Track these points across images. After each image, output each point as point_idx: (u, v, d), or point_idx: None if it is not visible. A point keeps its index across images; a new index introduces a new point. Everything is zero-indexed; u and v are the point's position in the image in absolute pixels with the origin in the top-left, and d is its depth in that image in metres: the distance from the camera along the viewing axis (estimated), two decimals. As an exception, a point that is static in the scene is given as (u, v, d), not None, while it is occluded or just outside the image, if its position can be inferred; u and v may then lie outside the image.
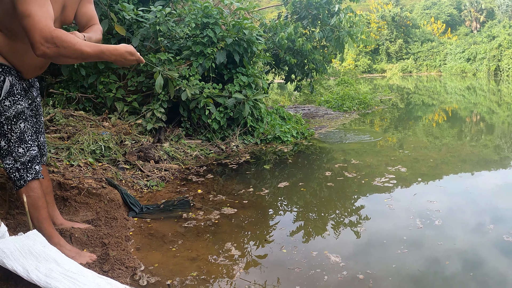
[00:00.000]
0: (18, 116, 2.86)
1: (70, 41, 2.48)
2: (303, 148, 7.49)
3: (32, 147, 2.95)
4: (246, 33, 7.64)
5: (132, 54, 2.72)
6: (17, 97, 2.85)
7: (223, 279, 3.05)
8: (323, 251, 3.43)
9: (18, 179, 2.89)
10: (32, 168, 2.94)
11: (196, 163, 6.25)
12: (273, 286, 2.96)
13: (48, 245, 2.64)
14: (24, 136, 2.90)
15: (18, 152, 2.88)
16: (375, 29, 54.65)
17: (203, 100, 7.10)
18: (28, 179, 2.91)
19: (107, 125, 6.45)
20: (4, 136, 2.84)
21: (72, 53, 2.50)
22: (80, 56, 2.54)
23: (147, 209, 4.34)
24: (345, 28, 11.10)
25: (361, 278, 3.01)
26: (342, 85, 20.83)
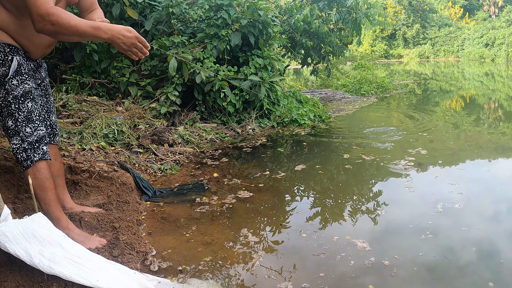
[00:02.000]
0: (25, 95, 2.81)
1: (66, 18, 2.44)
2: (321, 131, 7.31)
3: (40, 127, 2.88)
4: (261, 14, 7.45)
5: (130, 31, 2.59)
6: (25, 76, 2.81)
7: (239, 265, 2.92)
8: (345, 236, 3.29)
9: (24, 159, 2.81)
10: (39, 148, 2.85)
11: (211, 147, 6.12)
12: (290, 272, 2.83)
13: (54, 229, 2.52)
14: (32, 115, 2.83)
15: (25, 131, 2.81)
16: (392, 13, 53.88)
17: (218, 83, 6.94)
18: (35, 159, 2.82)
19: (120, 110, 6.33)
20: (12, 115, 2.78)
21: (68, 30, 2.46)
22: (76, 33, 2.48)
23: (160, 192, 4.22)
24: (362, 10, 10.86)
25: (387, 264, 2.85)
26: (359, 69, 20.56)
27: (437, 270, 2.76)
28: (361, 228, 3.45)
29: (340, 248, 3.09)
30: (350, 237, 3.25)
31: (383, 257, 2.93)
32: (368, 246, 3.09)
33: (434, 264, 2.84)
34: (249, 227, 3.48)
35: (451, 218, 3.56)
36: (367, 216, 3.69)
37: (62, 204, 3.30)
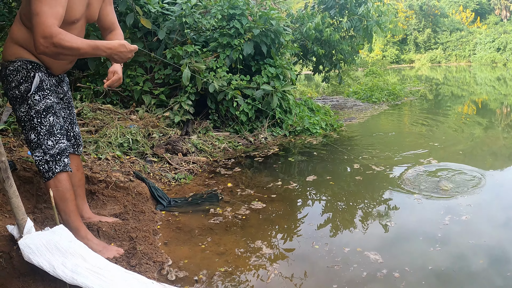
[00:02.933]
0: (47, 110, 2.90)
1: (69, 40, 2.51)
2: (332, 140, 7.35)
3: (61, 140, 2.97)
4: (274, 24, 7.52)
5: (124, 46, 2.71)
6: (47, 92, 2.90)
7: (254, 276, 2.98)
8: (356, 247, 3.33)
9: (46, 171, 2.90)
10: (60, 160, 2.94)
11: (224, 156, 6.19)
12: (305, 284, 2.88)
13: (75, 240, 2.60)
14: (53, 129, 2.92)
15: (47, 144, 2.89)
16: (403, 18, 53.59)
17: (230, 92, 7.02)
18: (56, 171, 2.91)
19: (134, 118, 6.42)
20: (34, 129, 2.87)
21: (70, 52, 2.54)
22: (77, 54, 2.59)
23: (175, 202, 4.29)
24: (373, 18, 10.89)
25: (397, 276, 2.90)
26: (371, 75, 20.54)
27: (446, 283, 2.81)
28: (372, 240, 3.49)
29: (352, 260, 3.13)
30: (361, 249, 3.28)
31: (394, 269, 2.98)
32: (381, 258, 3.13)
33: (443, 277, 2.88)
34: (262, 238, 3.53)
35: (460, 230, 3.59)
36: (377, 228, 3.72)
37: (80, 213, 3.37)
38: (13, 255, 2.62)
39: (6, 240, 2.66)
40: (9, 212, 3.17)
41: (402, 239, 3.47)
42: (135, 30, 7.33)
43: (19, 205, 2.39)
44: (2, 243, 2.64)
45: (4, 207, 3.21)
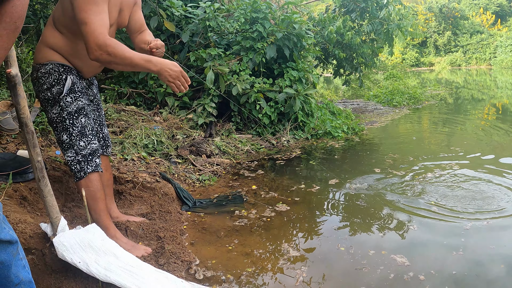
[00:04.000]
0: (79, 111, 2.96)
1: (121, 49, 2.58)
2: (354, 144, 7.35)
3: (93, 141, 3.03)
4: (296, 27, 7.55)
5: (177, 66, 2.74)
6: (78, 94, 2.97)
7: (281, 277, 3.00)
8: (380, 250, 3.33)
9: (78, 171, 2.96)
10: (92, 161, 3.00)
11: (247, 158, 6.22)
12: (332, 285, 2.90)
13: (107, 239, 2.66)
14: (85, 130, 2.99)
15: (79, 145, 2.96)
16: (422, 21, 53.03)
17: (253, 95, 7.06)
18: (88, 171, 2.97)
19: (158, 120, 6.49)
20: (66, 130, 2.94)
21: (122, 61, 2.60)
22: (129, 64, 2.63)
23: (200, 203, 4.33)
24: (394, 21, 10.85)
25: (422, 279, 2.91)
26: (391, 79, 20.44)
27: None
28: (396, 243, 3.48)
29: (378, 262, 3.13)
30: (386, 252, 3.29)
31: (420, 272, 2.98)
32: (407, 261, 3.13)
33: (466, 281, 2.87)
34: (287, 240, 3.55)
35: (481, 236, 3.56)
36: (400, 231, 3.70)
37: (108, 213, 3.44)
38: (46, 253, 2.68)
39: (38, 237, 2.71)
40: (41, 210, 3.24)
41: (425, 243, 3.46)
42: (159, 33, 7.41)
43: (53, 203, 2.44)
44: (35, 240, 2.69)
45: (35, 205, 3.28)
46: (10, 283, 1.86)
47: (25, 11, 1.68)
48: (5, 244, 1.80)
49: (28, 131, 2.23)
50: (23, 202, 3.19)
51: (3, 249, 1.80)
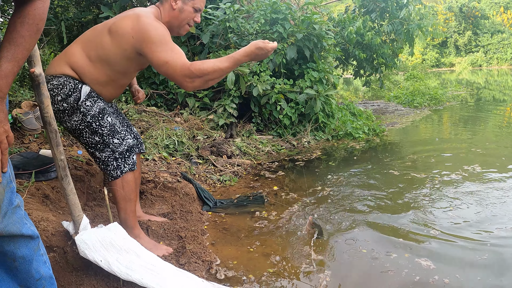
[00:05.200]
0: (102, 111, 2.93)
1: (208, 66, 2.61)
2: (375, 145, 7.29)
3: (127, 136, 3.01)
4: (316, 28, 7.51)
5: (261, 49, 2.70)
6: (96, 98, 2.93)
7: (302, 278, 2.97)
8: (403, 253, 3.26)
9: (114, 169, 2.94)
10: (129, 158, 2.98)
11: (267, 159, 6.21)
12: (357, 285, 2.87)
13: (129, 238, 2.65)
14: (115, 127, 2.96)
15: (114, 143, 2.93)
16: (442, 21, 52.21)
17: (274, 95, 7.04)
18: (124, 170, 2.95)
19: (179, 120, 6.51)
20: (96, 132, 2.91)
21: (215, 74, 2.64)
22: (223, 73, 2.67)
23: (221, 203, 4.33)
24: (414, 21, 10.75)
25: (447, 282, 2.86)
26: (412, 80, 20.28)
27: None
28: (418, 246, 3.41)
29: (403, 265, 3.07)
30: (409, 255, 3.23)
31: (445, 275, 2.93)
32: (432, 265, 3.08)
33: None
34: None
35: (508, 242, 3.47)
36: (422, 234, 3.63)
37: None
38: (67, 250, 2.68)
39: (60, 235, 2.72)
40: (63, 209, 3.25)
41: (449, 246, 3.40)
42: (179, 34, 7.43)
43: (76, 202, 2.45)
44: (57, 238, 2.70)
45: (57, 204, 3.29)
46: (31, 278, 1.90)
47: (46, 13, 1.71)
48: (27, 239, 1.84)
49: (51, 130, 2.24)
50: (45, 200, 3.21)
51: (25, 244, 1.83)
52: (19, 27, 1.64)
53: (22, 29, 1.64)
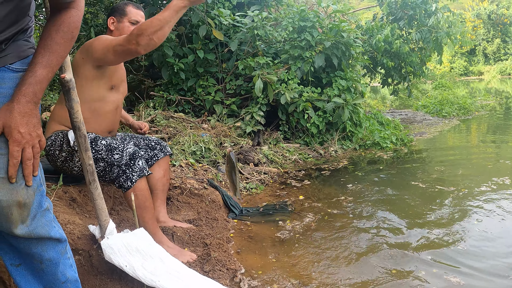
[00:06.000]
0: (94, 140, 3.02)
1: (145, 22, 2.60)
2: (403, 155, 7.18)
3: (126, 147, 3.04)
4: (345, 36, 7.47)
5: None
6: None
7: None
8: (432, 269, 3.19)
9: (125, 180, 2.96)
10: (135, 165, 2.99)
11: (294, 167, 6.18)
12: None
13: (154, 243, 2.66)
14: (111, 146, 3.01)
15: (116, 159, 2.97)
16: (470, 28, 51.15)
17: (302, 104, 7.01)
18: (134, 179, 2.96)
19: (206, 127, 6.52)
20: (97, 159, 2.99)
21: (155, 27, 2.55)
22: (163, 22, 2.55)
23: (247, 211, 4.31)
24: (443, 29, 10.61)
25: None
26: (440, 88, 20.01)
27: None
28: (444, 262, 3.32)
29: (433, 282, 3.01)
30: (437, 270, 3.17)
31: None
32: (462, 281, 3.00)
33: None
34: (332, 252, 3.47)
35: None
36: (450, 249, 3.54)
37: (157, 216, 3.48)
38: (92, 254, 2.70)
39: (86, 239, 2.73)
40: (89, 213, 3.27)
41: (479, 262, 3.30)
42: (207, 41, 7.47)
43: (103, 207, 2.45)
44: (82, 241, 2.72)
45: (84, 207, 3.31)
46: (57, 280, 1.92)
47: (80, 21, 1.76)
48: (55, 242, 1.86)
49: (80, 135, 2.25)
50: (72, 203, 3.23)
51: (52, 247, 1.86)
52: (54, 34, 1.68)
53: (57, 36, 1.68)
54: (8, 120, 1.57)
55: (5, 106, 1.59)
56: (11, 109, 1.58)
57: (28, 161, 1.62)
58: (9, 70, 1.65)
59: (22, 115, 1.58)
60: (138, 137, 3.55)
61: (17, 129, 1.57)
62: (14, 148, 1.57)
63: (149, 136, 3.58)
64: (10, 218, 1.64)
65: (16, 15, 1.62)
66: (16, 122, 1.57)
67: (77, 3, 1.75)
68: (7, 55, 1.65)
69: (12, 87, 1.64)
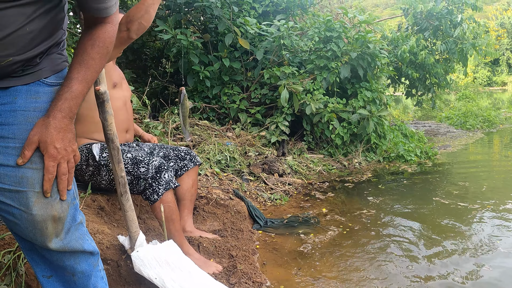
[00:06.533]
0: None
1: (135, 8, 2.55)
2: (428, 169, 7.08)
3: (152, 159, 3.05)
4: (371, 47, 7.43)
5: None
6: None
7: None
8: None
9: (151, 194, 2.98)
10: (161, 178, 3.01)
11: (318, 179, 6.15)
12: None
13: (183, 256, 2.66)
14: (137, 159, 3.03)
15: (142, 172, 2.99)
16: (494, 37, 50.07)
17: (327, 114, 6.99)
18: (160, 192, 2.98)
19: (231, 136, 6.53)
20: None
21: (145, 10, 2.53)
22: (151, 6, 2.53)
23: (271, 223, 4.31)
24: (468, 40, 10.50)
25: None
26: (464, 100, 19.76)
27: None
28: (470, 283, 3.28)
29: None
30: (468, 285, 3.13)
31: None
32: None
33: None
34: (356, 268, 3.44)
35: None
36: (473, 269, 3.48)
37: (183, 225, 3.49)
38: (121, 264, 2.71)
39: (115, 249, 2.74)
40: (117, 222, 3.29)
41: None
42: (233, 49, 7.49)
43: (134, 218, 2.46)
44: (111, 251, 2.73)
45: (112, 216, 3.33)
46: None
47: (114, 36, 1.76)
48: (87, 254, 1.86)
49: (114, 147, 2.26)
50: (100, 212, 3.25)
51: (85, 259, 1.86)
52: (89, 49, 1.68)
53: (93, 51, 1.67)
54: (44, 135, 1.56)
55: (41, 121, 1.58)
56: (47, 124, 1.57)
57: (63, 176, 1.62)
58: (44, 84, 1.65)
59: (58, 131, 1.58)
60: (168, 147, 3.56)
61: (53, 144, 1.57)
62: (49, 163, 1.58)
63: (179, 146, 3.59)
64: (45, 232, 1.65)
65: (51, 29, 1.63)
66: (52, 138, 1.57)
67: (112, 18, 1.75)
68: (42, 69, 1.65)
69: (47, 101, 1.63)
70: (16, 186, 1.58)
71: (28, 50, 1.57)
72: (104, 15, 1.71)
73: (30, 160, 1.58)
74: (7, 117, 1.58)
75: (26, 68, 1.61)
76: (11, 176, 1.58)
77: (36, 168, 1.58)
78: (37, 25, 1.55)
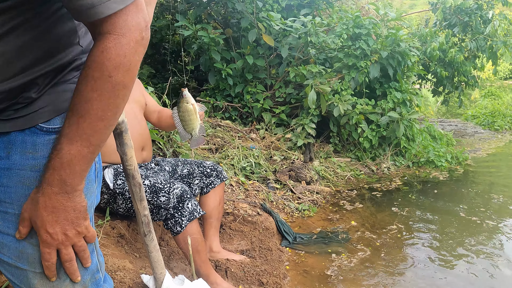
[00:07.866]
0: None
1: None
2: (460, 177, 6.67)
3: (172, 187, 2.78)
4: (402, 45, 7.06)
5: None
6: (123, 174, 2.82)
7: None
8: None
9: (173, 225, 2.75)
10: (184, 208, 2.76)
11: (346, 185, 5.85)
12: None
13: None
14: (156, 186, 2.77)
15: (163, 201, 2.73)
16: None
17: (355, 116, 6.64)
18: (183, 223, 2.74)
19: (254, 137, 6.26)
20: None
21: None
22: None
23: (300, 239, 4.05)
24: (499, 37, 10.08)
25: None
26: (490, 97, 19.19)
27: None
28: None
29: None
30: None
31: None
32: None
33: None
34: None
35: None
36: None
37: (210, 245, 3.28)
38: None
39: (138, 287, 2.51)
40: (139, 251, 3.06)
41: None
42: (255, 45, 7.18)
43: (159, 259, 2.20)
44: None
45: (133, 244, 3.09)
46: None
47: (129, 54, 1.08)
48: None
49: (134, 183, 1.96)
50: (120, 240, 3.00)
51: None
52: (81, 86, 1.09)
53: (86, 88, 1.08)
54: (34, 215, 1.15)
55: (32, 194, 1.16)
56: (36, 202, 1.14)
57: (67, 263, 1.22)
58: (41, 132, 1.19)
59: (49, 211, 1.14)
60: (192, 163, 3.29)
61: (44, 228, 1.15)
62: (44, 249, 1.18)
63: (204, 161, 3.32)
64: None
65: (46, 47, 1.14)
66: (42, 220, 1.14)
67: (116, 24, 1.06)
68: (39, 110, 1.17)
69: (47, 157, 1.17)
70: (16, 261, 1.22)
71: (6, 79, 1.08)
72: (92, 19, 1.05)
73: (30, 234, 1.19)
74: (2, 177, 1.18)
75: (18, 108, 1.15)
76: (11, 248, 1.21)
77: (37, 245, 1.20)
78: (13, 42, 1.06)
